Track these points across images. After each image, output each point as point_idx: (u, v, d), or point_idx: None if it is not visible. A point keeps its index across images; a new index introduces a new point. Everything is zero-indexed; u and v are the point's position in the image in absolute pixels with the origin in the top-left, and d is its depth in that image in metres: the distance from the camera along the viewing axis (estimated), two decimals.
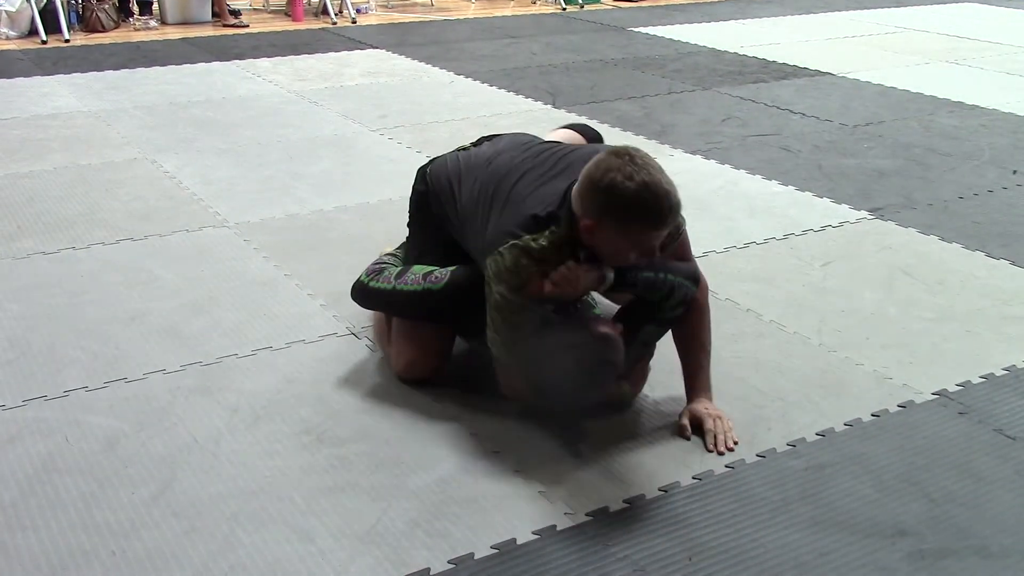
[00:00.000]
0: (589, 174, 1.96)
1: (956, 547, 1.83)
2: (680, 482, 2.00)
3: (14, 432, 2.13)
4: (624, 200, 1.90)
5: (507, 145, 2.36)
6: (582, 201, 1.97)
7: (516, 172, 2.20)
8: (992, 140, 4.44)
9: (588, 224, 1.96)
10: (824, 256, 3.12)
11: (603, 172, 1.92)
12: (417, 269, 2.32)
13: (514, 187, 2.16)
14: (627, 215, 1.92)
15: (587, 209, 1.96)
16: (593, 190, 1.94)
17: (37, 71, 5.64)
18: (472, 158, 2.37)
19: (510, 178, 2.19)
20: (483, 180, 2.25)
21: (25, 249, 3.09)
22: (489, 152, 2.35)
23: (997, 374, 2.44)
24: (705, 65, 6.02)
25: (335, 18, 7.55)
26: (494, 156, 2.31)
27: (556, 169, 2.15)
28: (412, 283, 2.29)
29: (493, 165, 2.27)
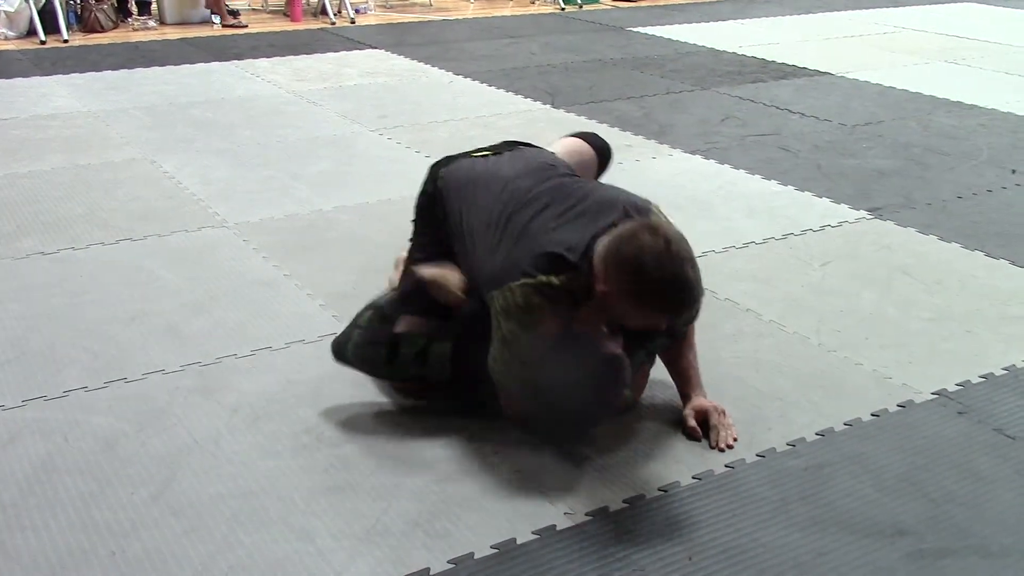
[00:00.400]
0: (619, 246, 1.89)
1: (956, 547, 1.83)
2: (680, 482, 2.00)
3: (14, 432, 2.13)
4: (648, 286, 1.85)
5: (527, 167, 2.30)
6: (605, 267, 1.90)
7: (535, 204, 2.14)
8: (991, 140, 4.45)
9: (605, 291, 1.91)
10: (823, 256, 3.12)
11: (634, 250, 1.86)
12: (406, 348, 2.19)
13: (532, 220, 2.10)
14: (647, 300, 1.88)
15: (608, 277, 1.90)
16: (619, 264, 1.88)
17: (36, 71, 5.64)
18: (489, 172, 2.31)
19: (528, 209, 2.13)
20: (500, 202, 2.19)
21: (25, 249, 3.09)
22: (508, 171, 2.29)
23: (996, 374, 2.44)
24: (704, 65, 6.03)
25: (334, 18, 7.55)
26: (513, 178, 2.25)
27: (577, 210, 2.08)
28: (405, 365, 2.20)
29: (511, 188, 2.21)
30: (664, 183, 3.80)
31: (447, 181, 2.37)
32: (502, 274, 2.04)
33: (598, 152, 2.74)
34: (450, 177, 2.38)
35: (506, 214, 2.16)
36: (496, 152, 2.45)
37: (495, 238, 2.14)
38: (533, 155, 2.43)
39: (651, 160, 4.10)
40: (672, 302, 1.90)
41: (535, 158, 2.40)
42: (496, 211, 2.19)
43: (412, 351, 2.19)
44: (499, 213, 2.18)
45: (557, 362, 2.01)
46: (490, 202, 2.22)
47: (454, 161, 2.44)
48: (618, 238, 1.91)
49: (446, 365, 2.19)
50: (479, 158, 2.42)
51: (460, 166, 2.40)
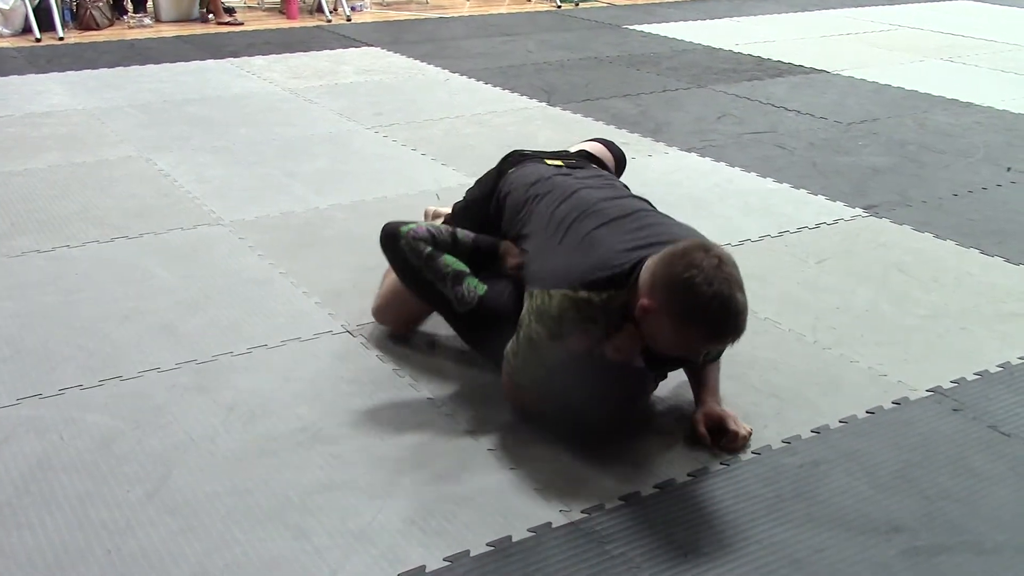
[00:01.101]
0: (670, 261, 1.84)
1: (950, 543, 1.83)
2: (675, 479, 2.00)
3: (9, 431, 2.13)
4: (695, 303, 1.79)
5: (598, 183, 2.31)
6: (653, 281, 1.86)
7: (602, 215, 2.12)
8: (986, 137, 4.45)
9: (648, 304, 1.85)
10: (819, 253, 3.13)
11: (685, 265, 1.81)
12: (449, 260, 2.23)
13: (596, 230, 2.07)
14: (691, 319, 1.82)
15: (654, 291, 1.85)
16: (668, 278, 1.83)
17: (31, 69, 5.63)
18: (558, 180, 2.31)
19: (594, 219, 2.11)
20: (567, 205, 2.19)
21: (19, 247, 3.09)
22: (577, 182, 2.30)
23: (991, 371, 2.44)
24: (700, 63, 6.03)
25: (330, 16, 7.54)
26: (583, 187, 2.26)
27: (643, 233, 2.05)
28: (439, 278, 2.22)
29: (581, 194, 2.22)
30: (660, 181, 3.80)
31: (511, 182, 2.39)
32: (549, 276, 2.03)
33: (616, 160, 2.78)
34: (518, 176, 2.39)
35: (571, 217, 2.14)
36: (571, 166, 2.44)
37: (555, 238, 2.13)
38: (607, 177, 2.44)
39: (647, 158, 4.10)
40: (718, 326, 1.83)
41: (610, 179, 2.40)
42: (561, 213, 2.17)
43: (453, 267, 2.23)
44: (563, 215, 2.16)
45: (576, 374, 2.01)
46: (550, 203, 2.22)
47: (527, 163, 2.43)
48: (670, 253, 1.86)
49: (473, 300, 2.19)
50: (552, 166, 2.41)
51: (530, 168, 2.39)
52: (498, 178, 2.45)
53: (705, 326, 1.83)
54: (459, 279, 2.22)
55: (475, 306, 2.19)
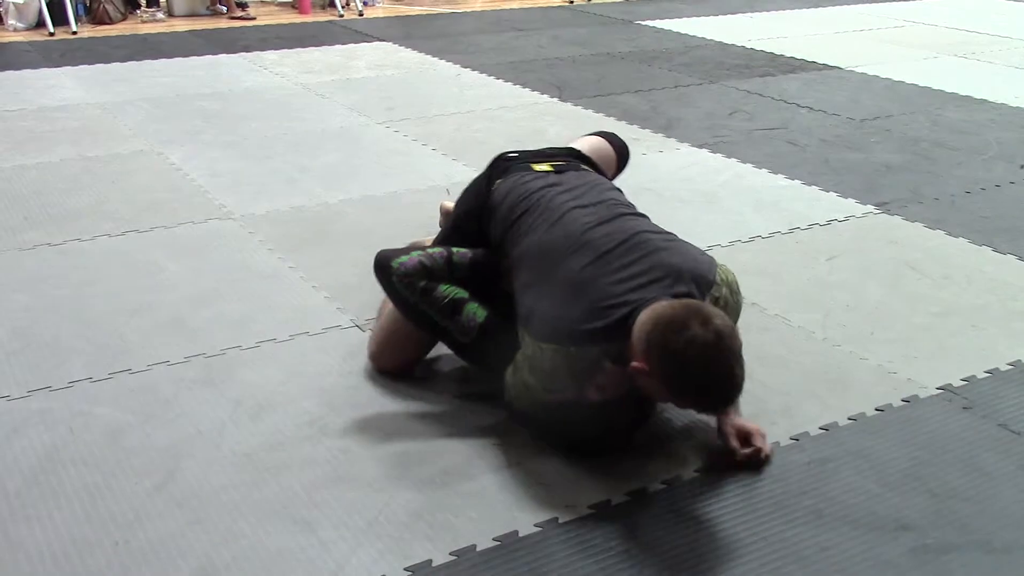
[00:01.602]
0: (665, 331, 1.76)
1: (959, 542, 1.82)
2: (682, 476, 2.00)
3: (19, 423, 2.14)
4: (691, 383, 1.77)
5: (588, 198, 2.20)
6: (647, 349, 1.79)
7: (591, 249, 2.02)
8: (1000, 134, 4.43)
9: (642, 368, 1.80)
10: (830, 250, 3.12)
11: (684, 343, 1.74)
12: (446, 290, 2.15)
13: (584, 269, 1.98)
14: (687, 394, 1.81)
15: (649, 360, 1.79)
16: (663, 350, 1.76)
17: (44, 63, 5.65)
18: (548, 196, 2.21)
19: (584, 255, 2.02)
20: (556, 233, 2.10)
21: (31, 240, 3.10)
22: (567, 198, 2.19)
23: (1002, 369, 2.43)
24: (712, 59, 6.01)
25: (342, 11, 7.55)
26: (571, 208, 2.15)
27: (636, 270, 1.96)
28: (437, 311, 2.15)
29: (568, 220, 2.11)
30: (671, 177, 3.79)
31: (501, 192, 2.31)
32: (540, 326, 1.96)
33: (618, 152, 2.73)
34: (505, 191, 2.30)
35: (560, 250, 2.06)
36: (557, 169, 2.36)
37: (544, 275, 2.05)
38: (595, 181, 2.34)
39: (658, 154, 4.09)
40: (713, 401, 1.83)
41: (599, 186, 2.30)
42: (549, 243, 2.09)
43: (450, 295, 2.14)
44: (551, 246, 2.08)
45: (570, 417, 1.99)
46: (540, 229, 2.14)
47: (512, 173, 2.35)
48: (666, 322, 1.78)
49: (474, 329, 2.13)
50: (539, 173, 2.33)
51: (517, 180, 2.31)
52: (487, 187, 2.37)
53: (700, 400, 1.84)
54: (457, 309, 2.14)
55: (475, 335, 2.13)
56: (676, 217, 3.33)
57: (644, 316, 1.83)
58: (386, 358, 2.33)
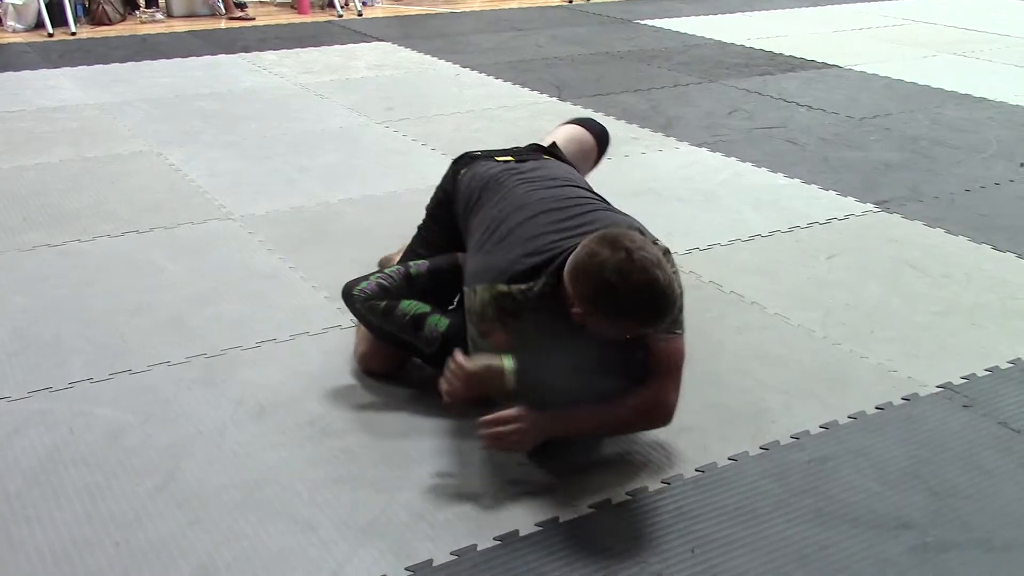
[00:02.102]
0: (581, 266, 1.84)
1: (959, 540, 1.82)
2: (683, 474, 2.00)
3: (19, 423, 2.14)
4: (619, 300, 1.81)
5: (542, 178, 2.28)
6: (573, 287, 1.86)
7: (528, 210, 2.13)
8: (999, 133, 4.43)
9: (580, 311, 1.87)
10: (829, 249, 3.12)
11: (596, 267, 1.81)
12: (407, 307, 2.21)
13: (520, 226, 2.09)
14: (622, 313, 1.83)
15: (579, 297, 1.85)
16: (585, 284, 1.83)
17: (43, 64, 5.65)
18: (500, 179, 2.30)
19: (520, 214, 2.13)
20: (497, 206, 2.20)
21: (31, 241, 3.10)
22: (517, 179, 2.29)
23: (1002, 367, 2.43)
24: (711, 58, 6.01)
25: (341, 11, 7.55)
26: (518, 184, 2.26)
27: (567, 223, 2.06)
28: (401, 328, 2.21)
29: (512, 194, 2.22)
30: (670, 176, 3.79)
31: (468, 181, 2.37)
32: (474, 274, 2.06)
33: (597, 138, 2.73)
34: (468, 178, 2.37)
35: (504, 214, 2.16)
36: (520, 159, 2.42)
37: (488, 237, 2.15)
38: (554, 167, 2.39)
39: (658, 153, 4.09)
40: (647, 309, 1.83)
41: (555, 170, 2.36)
42: (492, 213, 2.20)
43: (411, 312, 2.20)
44: (498, 214, 2.18)
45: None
46: (491, 205, 2.23)
47: (476, 163, 2.42)
48: (578, 258, 1.86)
49: (436, 339, 2.18)
50: (500, 162, 2.39)
51: (479, 168, 2.38)
52: (453, 180, 2.42)
53: (637, 315, 1.84)
54: (419, 323, 2.19)
55: (439, 344, 2.17)
56: (675, 216, 3.33)
57: (568, 263, 1.90)
58: (375, 360, 2.34)
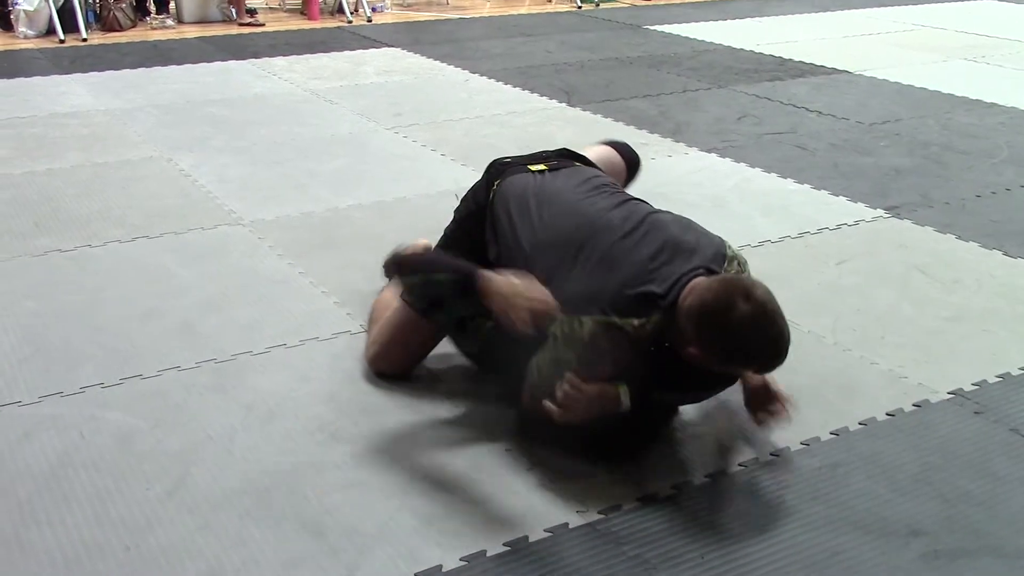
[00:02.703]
0: (714, 315, 1.85)
1: (971, 547, 1.82)
2: (692, 481, 1.99)
3: (30, 428, 2.15)
4: (750, 352, 1.87)
5: (589, 186, 2.26)
6: (699, 333, 1.87)
7: (613, 230, 2.09)
8: (1010, 138, 4.41)
9: (696, 354, 1.89)
10: (839, 255, 3.11)
11: (735, 322, 1.83)
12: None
13: (612, 247, 2.05)
14: (748, 363, 1.91)
15: (703, 343, 1.87)
16: (716, 333, 1.85)
17: (54, 70, 5.67)
18: (551, 189, 2.26)
19: (607, 235, 2.08)
20: (570, 221, 2.15)
21: (42, 247, 3.11)
22: (573, 190, 2.25)
23: (1014, 373, 2.42)
24: (721, 63, 6.01)
25: (351, 17, 7.56)
26: (582, 198, 2.21)
27: (659, 247, 2.03)
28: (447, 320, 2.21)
29: (582, 208, 2.17)
30: (680, 181, 3.79)
31: (502, 195, 2.31)
32: (577, 300, 1.98)
33: (628, 163, 2.73)
34: (506, 191, 2.31)
35: (580, 236, 2.10)
36: (552, 168, 2.38)
37: (567, 258, 2.08)
38: (590, 173, 2.38)
39: (667, 158, 4.09)
40: (776, 359, 1.90)
41: (593, 177, 2.34)
42: (566, 230, 2.13)
43: (456, 315, 2.20)
44: (570, 233, 2.12)
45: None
46: (557, 220, 2.17)
47: (510, 174, 2.37)
48: (712, 307, 1.86)
49: (477, 340, 2.18)
50: (536, 174, 2.35)
51: (516, 181, 2.33)
52: (487, 190, 2.37)
53: (760, 364, 1.93)
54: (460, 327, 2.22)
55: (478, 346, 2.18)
56: None
57: (689, 303, 1.90)
58: (388, 362, 2.34)
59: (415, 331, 2.30)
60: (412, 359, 2.35)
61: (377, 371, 2.35)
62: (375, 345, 2.36)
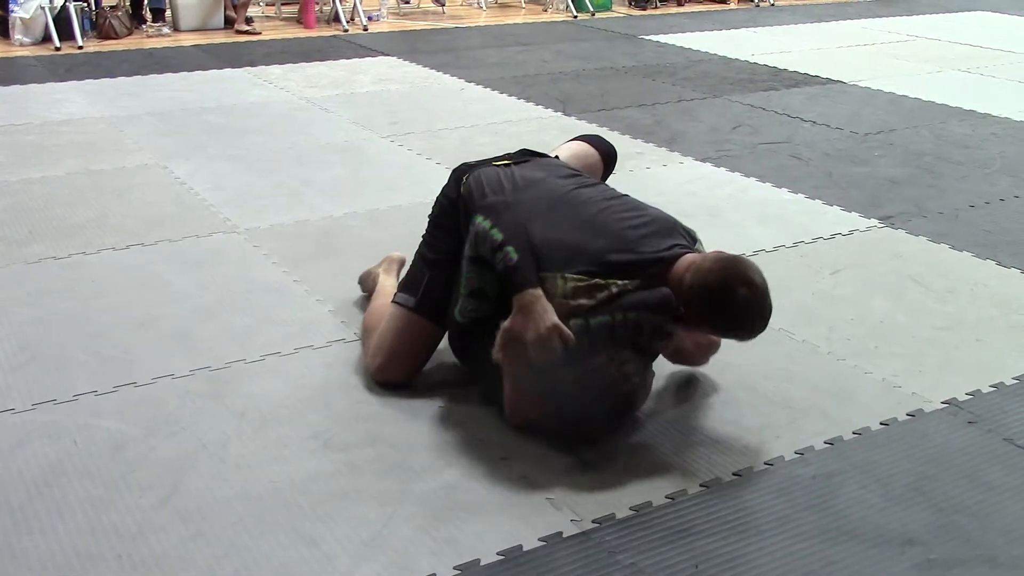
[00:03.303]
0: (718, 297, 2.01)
1: (965, 557, 1.82)
2: (687, 490, 1.99)
3: (23, 435, 2.14)
4: (746, 328, 2.07)
5: (555, 173, 2.34)
6: (699, 309, 2.04)
7: (594, 202, 2.22)
8: (1004, 148, 4.43)
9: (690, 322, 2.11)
10: (834, 264, 3.11)
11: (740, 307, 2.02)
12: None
13: (599, 214, 2.17)
14: (743, 334, 2.09)
15: (704, 318, 2.07)
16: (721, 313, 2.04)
17: (50, 77, 5.67)
18: (522, 177, 2.31)
19: (587, 207, 2.20)
20: (544, 196, 2.23)
21: (36, 254, 3.11)
22: (542, 173, 2.34)
23: (1007, 383, 2.42)
24: (716, 73, 6.02)
25: (347, 25, 7.58)
26: (550, 177, 2.31)
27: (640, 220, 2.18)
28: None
29: (553, 184, 2.28)
30: (675, 191, 3.80)
31: (473, 184, 2.33)
32: (556, 259, 2.07)
33: (603, 156, 2.72)
34: (477, 180, 2.33)
35: (559, 206, 2.20)
36: (517, 162, 2.43)
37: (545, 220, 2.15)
38: (555, 164, 2.45)
39: (662, 168, 4.10)
40: (761, 330, 2.09)
41: (558, 167, 2.41)
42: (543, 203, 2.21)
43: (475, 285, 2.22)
44: (548, 204, 2.20)
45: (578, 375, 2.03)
46: (532, 194, 2.24)
47: (477, 169, 2.40)
48: (710, 286, 2.02)
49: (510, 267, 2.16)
50: (502, 167, 2.38)
51: (485, 172, 2.36)
52: (457, 187, 2.39)
53: (752, 335, 2.10)
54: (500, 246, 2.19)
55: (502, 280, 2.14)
56: None
57: (690, 281, 2.04)
58: (393, 371, 2.34)
59: (416, 335, 2.33)
60: (416, 365, 2.37)
61: (382, 381, 2.35)
62: (379, 356, 2.36)
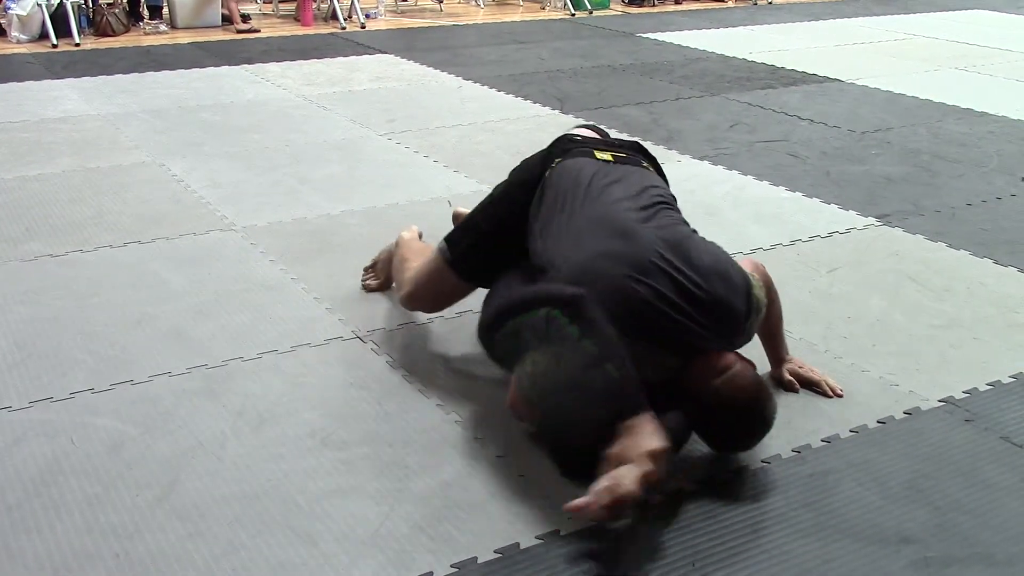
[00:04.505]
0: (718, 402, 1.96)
1: (961, 555, 1.82)
2: (684, 488, 1.99)
3: (19, 434, 2.14)
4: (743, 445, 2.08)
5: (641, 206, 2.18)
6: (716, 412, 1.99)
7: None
8: (1000, 147, 4.43)
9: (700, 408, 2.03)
10: (831, 262, 3.12)
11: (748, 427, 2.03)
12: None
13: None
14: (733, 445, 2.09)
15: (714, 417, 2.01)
16: (730, 424, 2.01)
17: (47, 75, 5.66)
18: (596, 185, 2.20)
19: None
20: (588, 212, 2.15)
21: (33, 252, 3.11)
22: (618, 193, 2.19)
23: (1004, 381, 2.43)
24: (713, 71, 6.02)
25: (344, 23, 7.57)
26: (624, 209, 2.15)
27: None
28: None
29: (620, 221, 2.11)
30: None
31: (557, 174, 2.26)
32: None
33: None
34: (561, 173, 2.26)
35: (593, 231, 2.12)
36: (617, 160, 2.32)
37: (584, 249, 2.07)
38: (650, 181, 2.31)
39: None
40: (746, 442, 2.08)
41: (652, 187, 2.28)
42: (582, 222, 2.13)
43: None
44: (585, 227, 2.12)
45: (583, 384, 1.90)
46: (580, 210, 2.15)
47: (573, 155, 2.31)
48: (721, 395, 1.96)
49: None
50: (599, 162, 2.28)
51: (573, 166, 2.27)
52: (544, 165, 2.33)
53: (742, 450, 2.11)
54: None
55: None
56: None
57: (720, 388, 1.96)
58: (417, 304, 2.55)
59: (444, 284, 2.44)
60: (441, 306, 2.55)
61: (409, 310, 2.60)
62: (409, 285, 2.50)
